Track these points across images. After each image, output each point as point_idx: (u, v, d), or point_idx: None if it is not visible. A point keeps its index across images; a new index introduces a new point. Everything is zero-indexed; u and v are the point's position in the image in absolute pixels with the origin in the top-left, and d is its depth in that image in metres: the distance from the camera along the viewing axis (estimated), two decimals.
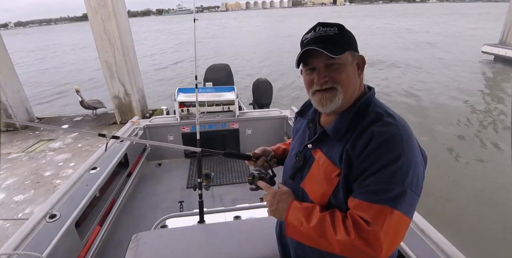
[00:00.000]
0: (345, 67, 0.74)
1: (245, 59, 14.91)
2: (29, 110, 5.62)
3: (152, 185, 2.73)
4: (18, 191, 3.35)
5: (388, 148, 0.66)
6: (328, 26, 0.75)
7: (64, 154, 4.28)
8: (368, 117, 0.73)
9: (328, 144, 0.78)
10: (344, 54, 0.73)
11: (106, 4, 4.59)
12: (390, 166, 0.65)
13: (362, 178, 0.68)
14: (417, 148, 0.71)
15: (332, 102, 0.75)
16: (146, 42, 25.89)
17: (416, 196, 0.67)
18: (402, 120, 0.73)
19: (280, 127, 3.18)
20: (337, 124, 0.76)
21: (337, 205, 0.74)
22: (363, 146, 0.68)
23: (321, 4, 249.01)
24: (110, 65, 5.00)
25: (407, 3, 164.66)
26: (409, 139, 0.69)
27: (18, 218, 2.90)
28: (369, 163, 0.67)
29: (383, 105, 0.78)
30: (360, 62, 0.78)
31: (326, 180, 0.75)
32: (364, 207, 0.66)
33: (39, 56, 21.12)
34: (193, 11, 2.45)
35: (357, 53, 0.77)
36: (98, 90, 9.44)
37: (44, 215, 1.54)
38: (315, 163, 0.79)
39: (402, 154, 0.66)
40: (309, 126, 0.87)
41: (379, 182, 0.65)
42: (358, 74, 0.78)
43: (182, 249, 1.22)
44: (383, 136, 0.67)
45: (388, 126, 0.69)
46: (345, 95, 0.75)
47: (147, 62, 15.20)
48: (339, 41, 0.73)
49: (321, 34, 0.74)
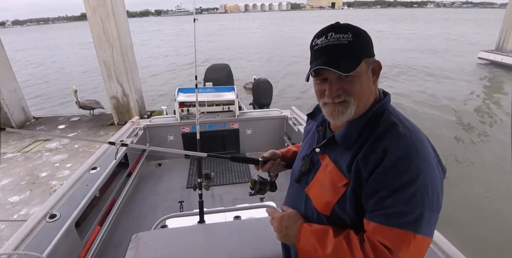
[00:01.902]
0: (359, 79, 0.68)
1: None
2: (26, 109, 5.57)
3: (152, 185, 2.72)
4: (14, 192, 3.31)
5: (404, 166, 0.61)
6: (342, 31, 0.67)
7: (61, 154, 4.24)
8: (381, 127, 0.68)
9: (336, 151, 0.74)
10: (359, 66, 0.66)
11: (105, 4, 4.58)
12: (409, 186, 0.60)
13: (378, 199, 0.63)
14: (435, 161, 0.65)
15: (343, 115, 0.70)
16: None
17: (437, 214, 0.63)
18: (418, 131, 0.68)
19: (280, 127, 3.18)
20: (347, 132, 0.72)
21: (341, 215, 0.71)
22: (376, 162, 0.63)
23: (320, 8, 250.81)
24: (108, 65, 4.98)
25: (404, 7, 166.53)
26: (426, 153, 0.64)
27: (14, 219, 2.85)
28: (385, 182, 0.62)
29: (399, 113, 0.72)
30: (375, 68, 0.72)
31: (332, 188, 0.71)
32: (384, 231, 0.61)
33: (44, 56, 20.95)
34: (191, 12, 2.46)
35: (372, 59, 0.71)
36: (99, 90, 9.40)
37: (44, 215, 1.54)
38: (322, 168, 0.76)
39: (420, 172, 0.61)
40: (318, 129, 0.84)
41: (398, 204, 0.61)
42: (373, 81, 0.72)
43: (182, 249, 1.22)
44: (398, 152, 0.62)
45: (402, 141, 0.64)
46: (358, 107, 0.70)
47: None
48: (354, 51, 0.67)
49: (334, 43, 0.67)
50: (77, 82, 9.83)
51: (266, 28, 39.32)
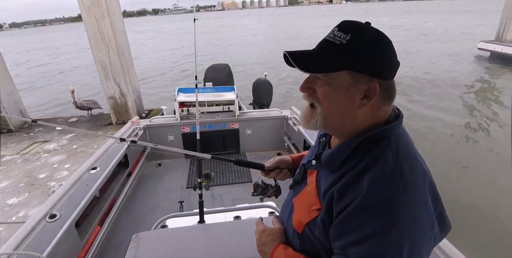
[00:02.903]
0: (333, 91, 0.58)
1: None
2: (23, 112, 5.55)
3: (152, 185, 2.73)
4: (12, 194, 3.31)
5: (378, 213, 0.51)
6: (345, 30, 0.57)
7: (59, 155, 4.23)
8: (370, 157, 0.57)
9: (324, 171, 0.67)
10: (336, 73, 0.56)
11: (100, 3, 4.53)
12: (378, 239, 0.50)
13: (343, 243, 0.55)
14: (429, 216, 0.54)
15: (308, 123, 0.63)
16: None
17: None
18: (414, 175, 0.56)
19: (280, 127, 3.17)
20: (333, 154, 0.63)
21: (311, 238, 0.65)
22: (350, 201, 0.54)
23: (318, 3, 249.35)
24: (105, 65, 4.94)
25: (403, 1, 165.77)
26: (414, 204, 0.52)
27: (12, 221, 2.85)
28: (352, 226, 0.53)
29: (400, 146, 0.58)
30: (369, 90, 0.57)
31: (306, 209, 0.66)
32: None
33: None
34: (188, 10, 2.45)
35: (367, 76, 0.56)
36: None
37: (44, 215, 1.54)
38: (308, 184, 0.71)
39: (397, 225, 0.50)
40: (321, 140, 0.77)
41: (365, 254, 0.51)
42: (359, 104, 0.58)
43: (182, 249, 1.21)
44: (376, 195, 0.52)
45: (387, 184, 0.53)
46: (326, 122, 0.60)
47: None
48: (339, 55, 0.56)
49: (329, 39, 0.58)
50: (77, 82, 9.80)
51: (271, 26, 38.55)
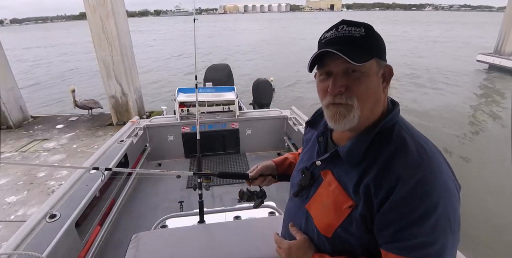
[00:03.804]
0: (368, 78, 0.61)
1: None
2: (23, 108, 5.54)
3: (152, 185, 2.72)
4: (11, 192, 3.28)
5: (422, 194, 0.55)
6: (354, 25, 0.62)
7: (59, 154, 4.21)
8: (392, 145, 0.61)
9: (340, 167, 0.67)
10: (369, 62, 0.60)
11: (105, 3, 4.57)
12: (429, 216, 0.55)
13: (395, 230, 0.57)
14: (452, 180, 0.59)
15: (345, 119, 0.63)
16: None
17: (459, 232, 0.59)
18: (433, 149, 0.61)
19: (280, 127, 3.18)
20: (353, 148, 0.64)
21: (345, 238, 0.65)
22: (389, 190, 0.57)
23: (319, 10, 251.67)
24: (107, 64, 4.96)
25: (403, 10, 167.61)
26: (443, 175, 0.58)
27: (11, 220, 2.83)
28: (401, 214, 0.56)
29: (410, 127, 0.65)
30: (386, 74, 0.65)
31: (334, 210, 0.65)
32: None
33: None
34: (190, 12, 2.47)
35: (384, 62, 0.65)
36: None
37: (44, 215, 1.53)
38: (324, 185, 0.70)
39: (440, 200, 0.55)
40: (319, 140, 0.76)
41: (419, 235, 0.55)
42: (383, 88, 0.64)
43: (182, 249, 1.21)
44: (413, 179, 0.56)
45: (418, 164, 0.57)
46: (362, 112, 0.62)
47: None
48: (365, 45, 0.61)
49: (344, 34, 0.61)
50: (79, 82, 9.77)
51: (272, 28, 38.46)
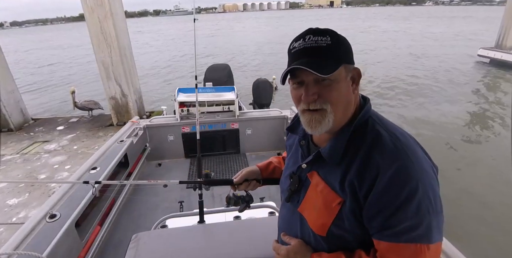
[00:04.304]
0: (338, 84, 0.64)
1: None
2: (24, 111, 5.56)
3: (152, 185, 2.71)
4: (12, 194, 3.30)
5: (401, 181, 0.59)
6: (320, 34, 0.64)
7: (60, 156, 4.22)
8: (368, 138, 0.65)
9: (325, 167, 0.70)
10: (338, 69, 0.63)
11: (103, 4, 4.57)
12: (411, 200, 0.58)
13: (383, 219, 0.61)
14: (428, 163, 0.63)
15: (321, 125, 0.66)
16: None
17: (442, 214, 0.62)
18: (406, 137, 0.65)
19: (280, 127, 3.18)
20: (333, 148, 0.68)
21: (339, 234, 0.69)
22: (371, 181, 0.61)
23: (318, 6, 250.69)
24: (107, 65, 4.96)
25: (403, 5, 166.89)
26: (419, 159, 0.62)
27: (12, 222, 2.84)
28: (385, 202, 0.60)
29: (382, 119, 0.70)
30: (355, 76, 0.68)
31: (326, 209, 0.68)
32: (397, 249, 0.61)
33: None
34: (189, 11, 2.46)
35: (352, 66, 0.67)
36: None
37: (44, 215, 1.54)
38: (312, 187, 0.73)
39: (419, 182, 0.59)
40: (301, 144, 0.79)
41: (405, 220, 0.59)
42: (353, 89, 0.68)
43: (182, 249, 1.21)
44: (392, 168, 0.59)
45: (393, 153, 0.61)
46: (335, 116, 0.66)
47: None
48: (332, 54, 0.64)
49: (311, 45, 0.64)
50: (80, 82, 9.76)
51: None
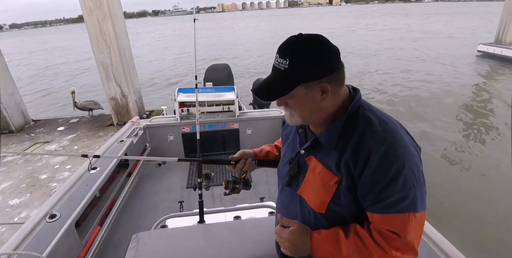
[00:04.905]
0: (297, 102, 0.73)
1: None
2: (24, 113, 5.57)
3: (152, 185, 2.73)
4: (14, 195, 3.31)
5: (390, 159, 0.67)
6: (283, 56, 0.69)
7: (60, 156, 4.23)
8: (360, 123, 0.72)
9: (322, 151, 0.78)
10: (296, 89, 0.70)
11: (102, 5, 4.56)
12: (398, 176, 0.67)
13: (375, 194, 0.69)
14: (411, 143, 0.71)
15: (292, 120, 0.78)
16: None
17: (424, 188, 0.71)
18: (392, 121, 0.74)
19: (280, 127, 3.15)
20: (329, 133, 0.75)
21: (337, 211, 0.76)
22: (364, 160, 0.69)
23: (317, 5, 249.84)
24: (106, 66, 4.96)
25: (402, 2, 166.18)
26: (404, 140, 0.70)
27: (14, 222, 2.86)
28: (377, 178, 0.68)
29: (371, 107, 0.77)
30: (323, 89, 0.71)
31: (323, 188, 0.75)
32: (388, 220, 0.69)
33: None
34: (188, 11, 2.47)
35: (316, 81, 0.70)
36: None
37: (44, 215, 1.54)
38: (310, 170, 0.80)
39: (405, 160, 0.67)
40: (299, 132, 0.87)
41: (394, 193, 0.67)
42: (322, 99, 0.72)
43: (182, 249, 1.22)
44: (381, 148, 0.68)
45: (382, 136, 0.69)
46: (305, 120, 0.77)
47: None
48: (285, 79, 0.70)
49: (275, 66, 0.71)
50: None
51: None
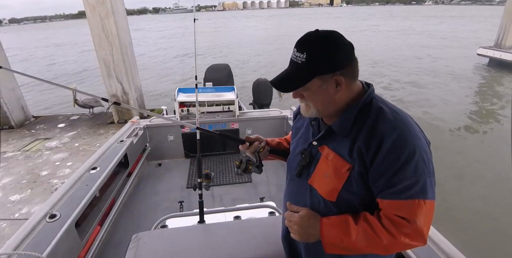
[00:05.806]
0: (312, 94, 0.77)
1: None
2: (25, 109, 5.56)
3: (152, 185, 2.74)
4: (15, 191, 3.32)
5: (401, 145, 0.69)
6: (301, 49, 0.73)
7: (61, 153, 4.24)
8: (372, 113, 0.75)
9: (334, 140, 0.80)
10: (311, 82, 0.73)
11: (105, 2, 4.55)
12: (409, 162, 0.68)
13: (386, 179, 0.70)
14: (422, 135, 0.74)
15: (307, 112, 0.81)
16: None
17: (434, 178, 0.72)
18: (404, 113, 0.76)
19: (280, 127, 3.19)
20: (343, 121, 0.78)
21: (348, 199, 0.77)
22: (376, 146, 0.71)
23: (318, 5, 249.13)
24: (108, 63, 4.96)
25: (403, 5, 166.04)
26: (415, 130, 0.72)
27: (15, 218, 2.87)
28: (389, 164, 0.70)
29: (384, 100, 0.80)
30: (338, 82, 0.75)
31: (335, 175, 0.77)
32: (398, 205, 0.70)
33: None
34: (189, 9, 2.47)
35: (331, 74, 0.73)
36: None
37: (44, 215, 1.54)
38: (323, 158, 0.82)
39: (416, 147, 0.69)
40: (312, 124, 0.89)
41: (404, 179, 0.69)
42: (336, 92, 0.76)
43: (182, 249, 1.22)
44: (393, 135, 0.70)
45: (394, 124, 0.72)
46: (319, 111, 0.80)
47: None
48: (303, 71, 0.73)
49: (292, 59, 0.75)
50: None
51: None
